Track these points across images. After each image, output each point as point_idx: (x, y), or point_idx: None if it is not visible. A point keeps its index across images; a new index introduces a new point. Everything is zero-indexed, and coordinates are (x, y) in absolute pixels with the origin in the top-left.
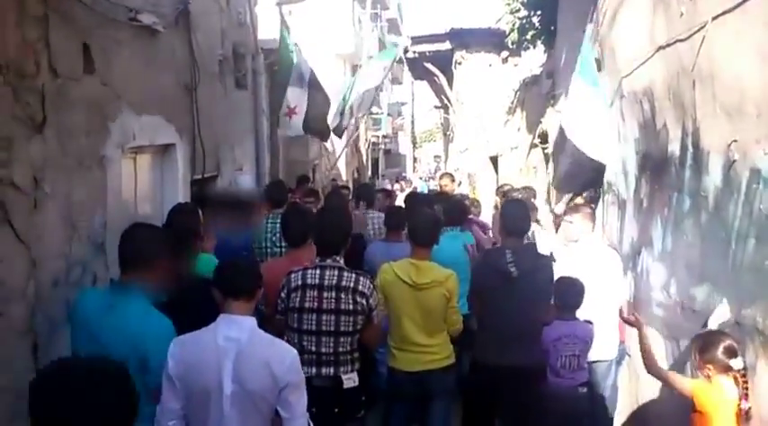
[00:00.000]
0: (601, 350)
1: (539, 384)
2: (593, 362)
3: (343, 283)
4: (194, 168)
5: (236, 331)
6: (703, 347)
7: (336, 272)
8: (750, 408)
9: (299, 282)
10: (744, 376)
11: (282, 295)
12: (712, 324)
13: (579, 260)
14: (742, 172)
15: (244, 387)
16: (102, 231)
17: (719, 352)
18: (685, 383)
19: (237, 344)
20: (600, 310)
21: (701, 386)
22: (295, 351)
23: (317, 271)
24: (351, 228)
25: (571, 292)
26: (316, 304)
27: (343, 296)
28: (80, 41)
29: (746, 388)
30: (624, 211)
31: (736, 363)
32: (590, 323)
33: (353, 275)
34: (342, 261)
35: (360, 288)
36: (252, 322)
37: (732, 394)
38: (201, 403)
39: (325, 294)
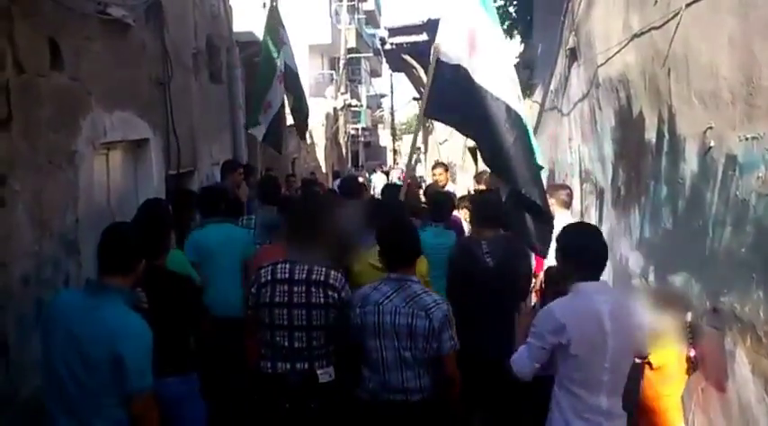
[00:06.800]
0: None
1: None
2: None
3: (314, 277)
4: (169, 163)
5: None
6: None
7: (306, 266)
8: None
9: (269, 277)
10: None
11: (253, 290)
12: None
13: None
14: (718, 158)
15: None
16: (74, 228)
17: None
18: None
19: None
20: None
21: None
22: None
23: (287, 266)
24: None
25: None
26: (286, 298)
27: (313, 289)
28: (47, 36)
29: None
30: (602, 199)
31: None
32: None
33: (323, 269)
34: None
35: (330, 281)
36: None
37: None
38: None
39: (296, 288)
